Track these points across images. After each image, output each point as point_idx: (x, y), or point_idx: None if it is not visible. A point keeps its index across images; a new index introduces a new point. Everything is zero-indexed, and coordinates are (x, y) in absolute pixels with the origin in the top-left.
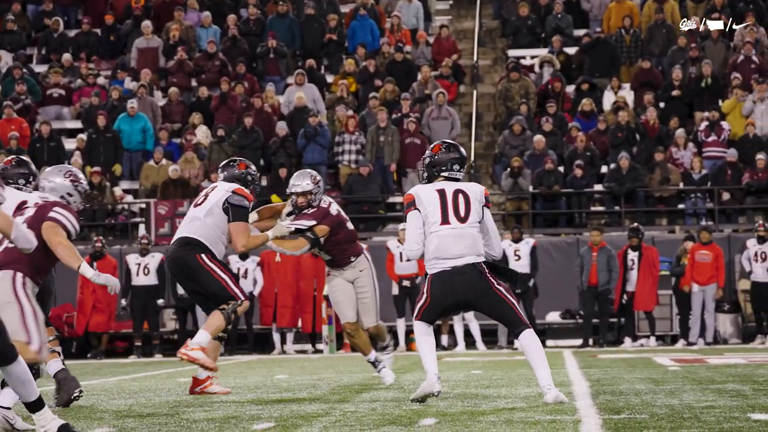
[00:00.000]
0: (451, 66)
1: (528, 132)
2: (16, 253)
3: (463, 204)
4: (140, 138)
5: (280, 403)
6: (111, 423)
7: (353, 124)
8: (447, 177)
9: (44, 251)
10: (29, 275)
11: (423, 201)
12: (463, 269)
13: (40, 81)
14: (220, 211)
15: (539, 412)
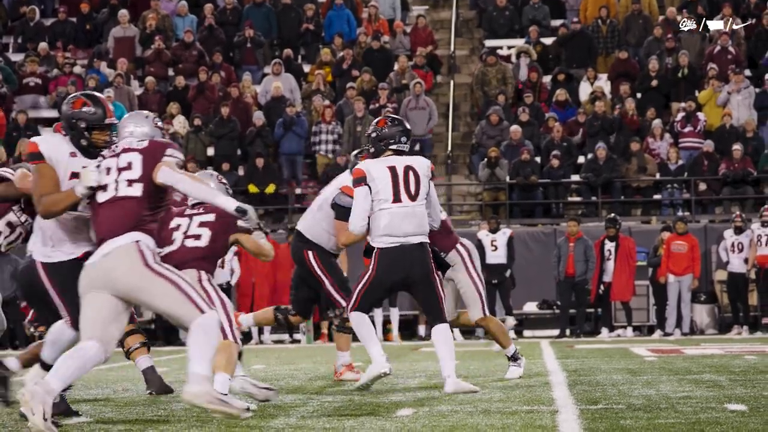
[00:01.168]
0: (427, 56)
1: (505, 122)
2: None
3: (413, 181)
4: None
5: None
6: (88, 413)
7: (330, 114)
8: (395, 150)
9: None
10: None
11: (374, 177)
12: (413, 248)
13: (17, 70)
14: (328, 208)
15: (517, 402)
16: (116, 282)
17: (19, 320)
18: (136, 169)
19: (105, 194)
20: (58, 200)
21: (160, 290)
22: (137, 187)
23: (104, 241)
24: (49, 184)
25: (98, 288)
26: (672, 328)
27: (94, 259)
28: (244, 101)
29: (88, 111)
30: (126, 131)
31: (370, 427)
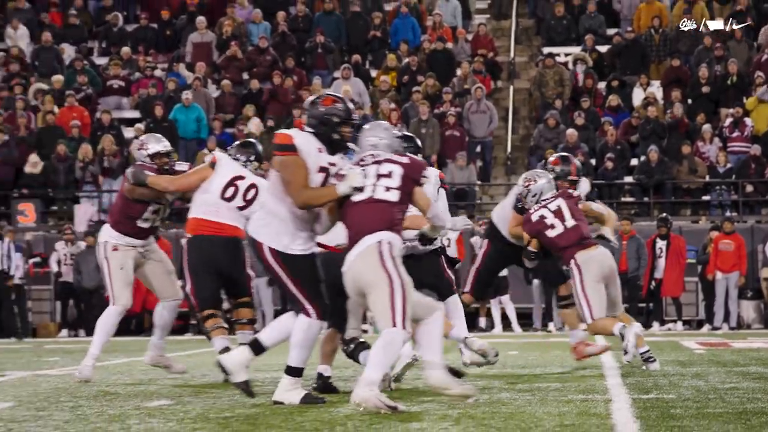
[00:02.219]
0: (487, 62)
1: (561, 126)
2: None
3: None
4: (195, 127)
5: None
6: (169, 395)
7: (396, 117)
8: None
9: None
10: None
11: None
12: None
13: (101, 72)
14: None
15: (572, 391)
16: (357, 279)
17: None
18: (396, 179)
19: (361, 195)
20: (320, 195)
21: (380, 293)
22: (394, 193)
23: (356, 236)
24: (305, 176)
25: (355, 292)
26: (720, 322)
27: (347, 261)
28: None
29: (339, 107)
30: (369, 141)
31: (434, 413)
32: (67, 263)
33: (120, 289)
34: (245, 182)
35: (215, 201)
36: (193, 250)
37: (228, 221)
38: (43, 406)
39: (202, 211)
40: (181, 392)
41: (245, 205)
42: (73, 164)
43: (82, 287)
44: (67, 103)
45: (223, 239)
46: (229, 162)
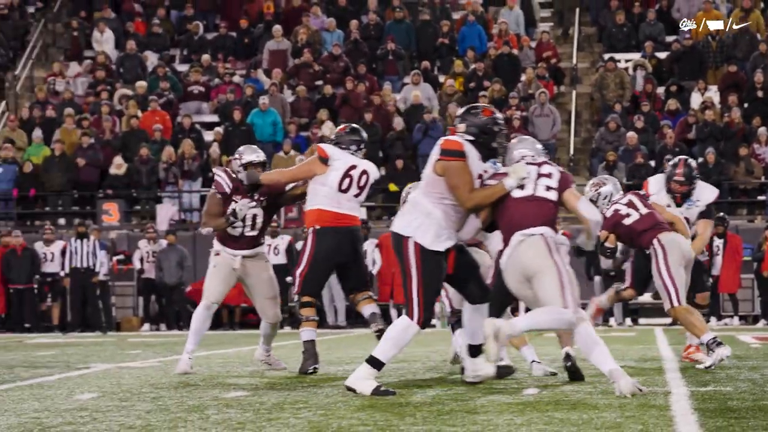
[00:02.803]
0: (551, 68)
1: (622, 129)
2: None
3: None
4: (271, 131)
5: (398, 372)
6: (245, 387)
7: None
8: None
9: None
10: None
11: None
12: None
13: (182, 79)
14: None
15: None
16: (524, 262)
17: (184, 304)
18: (554, 180)
19: (521, 192)
20: (490, 195)
21: (549, 280)
22: (553, 193)
23: (516, 230)
24: (472, 181)
25: (518, 279)
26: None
27: (509, 251)
28: (386, 108)
29: (498, 118)
30: (520, 153)
31: (499, 405)
32: (149, 260)
33: (209, 284)
34: (358, 170)
35: (334, 194)
36: (321, 240)
37: (348, 211)
38: (126, 397)
39: (324, 203)
40: (257, 384)
41: (359, 192)
42: (155, 166)
43: (163, 283)
44: (150, 107)
45: (346, 229)
46: (341, 154)
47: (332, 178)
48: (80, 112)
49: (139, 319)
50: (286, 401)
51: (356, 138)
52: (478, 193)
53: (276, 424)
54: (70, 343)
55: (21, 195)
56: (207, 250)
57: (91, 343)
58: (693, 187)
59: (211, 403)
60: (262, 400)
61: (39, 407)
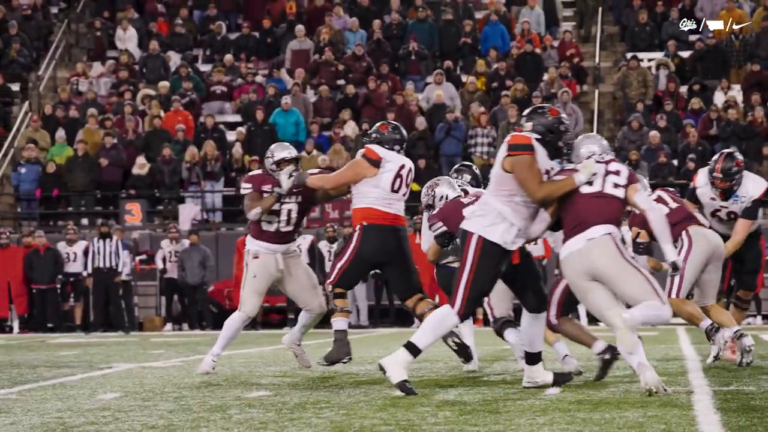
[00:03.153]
0: (573, 67)
1: (645, 128)
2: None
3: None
4: (294, 131)
5: (419, 371)
6: (268, 387)
7: (486, 120)
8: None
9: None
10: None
11: None
12: None
13: (205, 79)
14: None
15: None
16: (595, 265)
17: (206, 304)
18: (623, 177)
19: (590, 188)
20: (559, 188)
21: (633, 279)
22: (620, 191)
23: (583, 224)
24: (540, 174)
25: (581, 274)
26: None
27: (579, 246)
28: (408, 108)
29: (564, 118)
30: (588, 150)
31: (521, 404)
32: (171, 260)
33: (247, 296)
34: (406, 170)
35: (387, 194)
36: (368, 236)
37: (397, 212)
38: (148, 397)
39: (376, 203)
40: (279, 383)
41: (406, 192)
42: (177, 166)
43: (185, 283)
44: (172, 108)
45: (393, 228)
46: (392, 155)
47: (385, 180)
48: (103, 113)
49: (162, 318)
50: (309, 401)
51: (399, 136)
52: (547, 185)
53: (298, 424)
54: (92, 343)
55: (44, 195)
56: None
57: (113, 342)
58: (735, 182)
59: (234, 403)
60: (284, 400)
61: (62, 407)
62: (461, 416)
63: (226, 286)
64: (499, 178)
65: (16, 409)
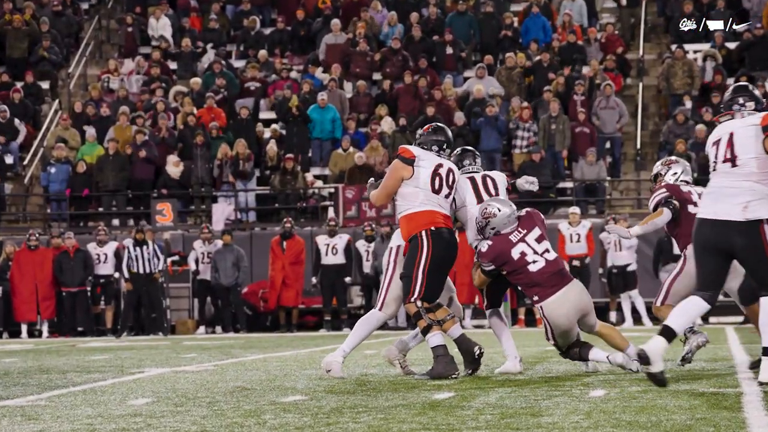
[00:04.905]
0: (617, 60)
1: (691, 122)
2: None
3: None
4: (330, 127)
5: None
6: (304, 391)
7: (527, 114)
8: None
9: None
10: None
11: None
12: None
13: (238, 75)
14: None
15: (703, 384)
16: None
17: (240, 306)
18: None
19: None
20: None
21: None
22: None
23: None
24: None
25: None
26: None
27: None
28: (447, 102)
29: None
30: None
31: (565, 407)
32: (204, 261)
33: (391, 298)
34: (444, 169)
35: (431, 195)
36: (438, 242)
37: (450, 215)
38: (181, 402)
39: (429, 205)
40: (315, 387)
41: (450, 193)
42: (211, 164)
43: (219, 285)
44: (206, 104)
45: (453, 232)
46: (427, 154)
47: (423, 176)
48: (134, 110)
49: (195, 321)
50: (345, 405)
51: (438, 137)
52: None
53: (335, 429)
54: (123, 347)
55: (74, 195)
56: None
57: (145, 346)
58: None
59: (269, 408)
60: (320, 405)
61: (92, 413)
62: (502, 420)
63: (261, 288)
64: (761, 161)
65: (46, 416)
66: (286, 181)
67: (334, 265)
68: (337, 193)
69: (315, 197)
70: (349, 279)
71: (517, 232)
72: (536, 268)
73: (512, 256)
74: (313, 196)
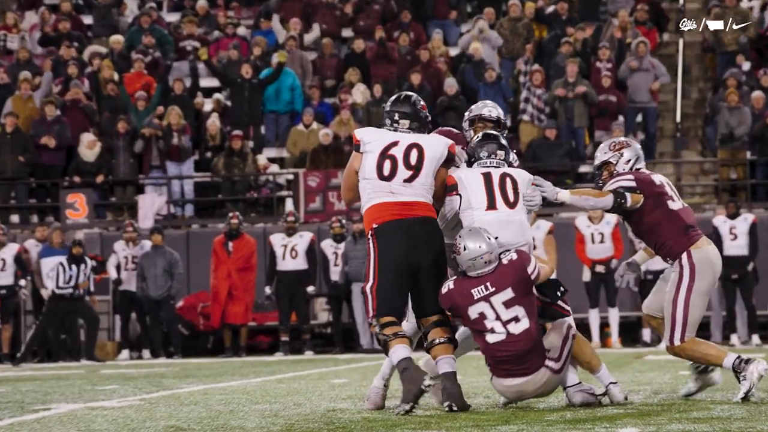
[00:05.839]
0: (652, 10)
1: (745, 87)
2: None
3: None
4: (288, 97)
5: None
6: (253, 430)
7: (538, 79)
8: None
9: None
10: None
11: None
12: None
13: (171, 31)
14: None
15: (762, 420)
16: None
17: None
18: None
19: None
20: None
21: None
22: None
23: None
24: None
25: None
26: None
27: None
28: (435, 65)
29: None
30: None
31: None
32: (128, 268)
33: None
34: (400, 147)
35: (381, 184)
36: (383, 239)
37: (411, 199)
38: None
39: (377, 197)
40: (269, 426)
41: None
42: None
43: (147, 297)
44: (133, 68)
45: (416, 221)
46: (378, 134)
47: (368, 165)
48: (39, 76)
49: (115, 344)
50: None
51: (401, 109)
52: None
53: None
54: (25, 377)
55: None
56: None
57: (52, 376)
58: None
59: None
60: None
61: None
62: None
63: (200, 301)
64: None
65: None
66: (232, 165)
67: (293, 271)
68: (297, 180)
69: (269, 186)
70: (312, 289)
71: (482, 288)
72: (494, 341)
73: (468, 314)
74: (267, 185)
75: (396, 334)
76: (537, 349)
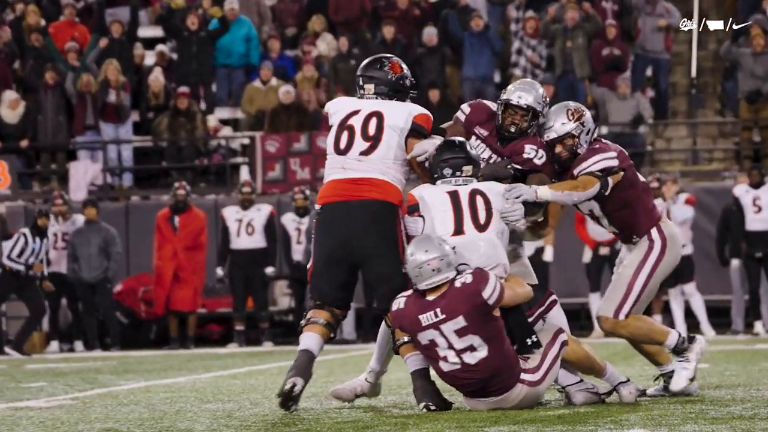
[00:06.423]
0: None
1: None
2: None
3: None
4: (242, 49)
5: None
6: None
7: (532, 27)
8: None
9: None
10: None
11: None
12: None
13: None
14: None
15: None
16: None
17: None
18: None
19: None
20: None
21: None
22: None
23: None
24: None
25: None
26: None
27: None
28: (413, 14)
29: None
30: None
31: None
32: (57, 246)
33: None
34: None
35: (336, 159)
36: (320, 221)
37: (361, 175)
38: None
39: (329, 174)
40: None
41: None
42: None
43: (79, 280)
44: (63, 16)
45: (358, 204)
46: (342, 102)
47: (328, 139)
48: None
49: (43, 334)
50: None
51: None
52: None
53: None
54: None
55: None
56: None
57: None
58: None
59: None
60: None
61: None
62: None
63: (142, 284)
64: None
65: None
66: (177, 127)
67: (249, 249)
68: (254, 145)
69: (221, 151)
70: (271, 270)
71: (431, 314)
72: (448, 369)
73: (418, 339)
74: (219, 150)
75: (309, 320)
76: (504, 372)
